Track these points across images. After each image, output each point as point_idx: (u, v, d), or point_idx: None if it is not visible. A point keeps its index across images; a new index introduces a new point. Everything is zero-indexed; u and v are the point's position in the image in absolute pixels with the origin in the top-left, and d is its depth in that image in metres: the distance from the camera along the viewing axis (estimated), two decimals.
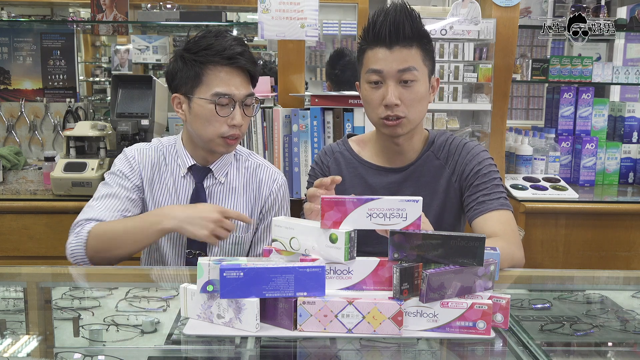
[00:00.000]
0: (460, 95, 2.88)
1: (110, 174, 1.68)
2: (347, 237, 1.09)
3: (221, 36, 1.57)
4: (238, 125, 1.58)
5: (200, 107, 1.56)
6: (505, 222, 1.53)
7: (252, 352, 1.10)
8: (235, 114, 1.57)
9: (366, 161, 1.65)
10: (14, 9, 4.28)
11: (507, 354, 1.10)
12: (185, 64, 1.57)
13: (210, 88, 1.55)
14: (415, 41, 1.50)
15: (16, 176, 2.77)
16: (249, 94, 1.60)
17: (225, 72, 1.55)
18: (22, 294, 1.47)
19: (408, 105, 1.50)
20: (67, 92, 3.28)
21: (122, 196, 1.63)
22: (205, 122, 1.56)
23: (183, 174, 1.67)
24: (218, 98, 1.54)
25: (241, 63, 1.56)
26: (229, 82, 1.55)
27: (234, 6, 4.26)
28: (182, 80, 1.58)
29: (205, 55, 1.54)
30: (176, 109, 1.63)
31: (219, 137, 1.58)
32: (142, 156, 1.68)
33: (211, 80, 1.55)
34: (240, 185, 1.71)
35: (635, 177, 3.08)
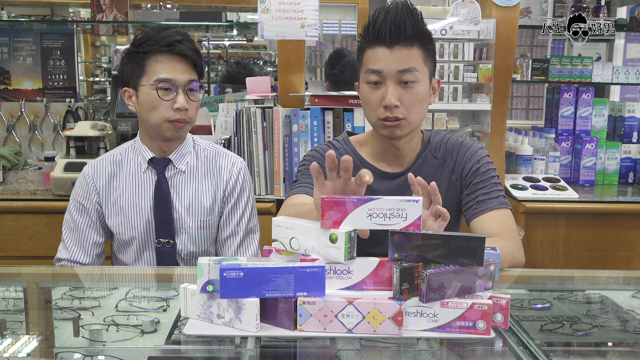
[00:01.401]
0: (460, 95, 2.88)
1: (73, 201, 1.78)
2: (347, 237, 1.09)
3: (162, 29, 1.68)
4: (182, 108, 1.65)
5: (145, 95, 1.65)
6: (505, 221, 1.53)
7: (252, 352, 1.10)
8: (178, 97, 1.64)
9: (368, 163, 1.62)
10: (14, 9, 4.28)
11: (507, 354, 1.10)
12: (130, 57, 1.68)
13: (153, 75, 1.64)
14: (416, 41, 1.47)
15: (16, 176, 2.77)
16: (191, 79, 1.67)
17: (165, 59, 1.65)
18: (22, 294, 1.47)
19: (408, 106, 1.48)
20: (67, 92, 3.28)
21: (87, 227, 1.75)
22: (151, 108, 1.65)
23: (144, 169, 1.75)
24: (159, 83, 1.63)
25: (179, 49, 1.65)
26: (170, 68, 1.64)
27: (234, 6, 4.26)
28: (128, 74, 1.69)
29: (146, 46, 1.65)
30: (127, 102, 1.72)
31: (165, 122, 1.66)
32: (96, 170, 1.77)
33: (153, 67, 1.65)
34: (200, 172, 1.78)
35: (635, 177, 3.08)
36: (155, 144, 1.74)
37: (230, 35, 4.55)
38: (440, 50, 2.85)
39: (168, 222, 1.73)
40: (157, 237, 1.73)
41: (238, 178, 1.81)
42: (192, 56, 1.67)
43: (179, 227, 1.74)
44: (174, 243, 1.74)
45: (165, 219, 1.72)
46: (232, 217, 1.80)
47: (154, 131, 1.70)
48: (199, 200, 1.76)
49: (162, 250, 1.73)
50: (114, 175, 1.76)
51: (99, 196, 1.75)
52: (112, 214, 1.74)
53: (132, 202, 1.74)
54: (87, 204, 1.75)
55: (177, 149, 1.76)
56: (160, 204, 1.72)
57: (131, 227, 1.73)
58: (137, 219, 1.73)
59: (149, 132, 1.72)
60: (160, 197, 1.73)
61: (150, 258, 1.75)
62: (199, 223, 1.76)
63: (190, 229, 1.75)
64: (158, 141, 1.73)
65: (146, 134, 1.74)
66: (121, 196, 1.74)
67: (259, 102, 2.62)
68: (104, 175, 1.76)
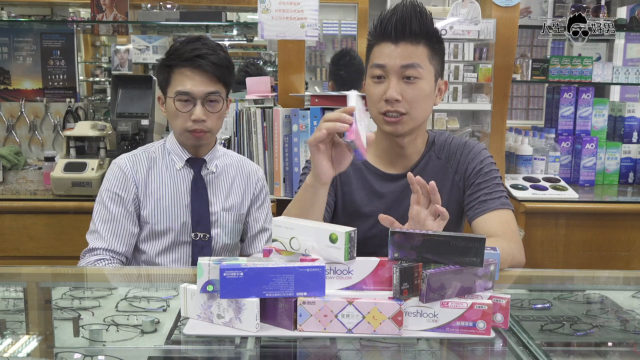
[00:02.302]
0: (460, 95, 2.89)
1: (107, 192, 1.79)
2: (347, 237, 1.09)
3: (191, 42, 1.74)
4: (198, 120, 1.72)
5: (169, 105, 1.76)
6: (506, 222, 1.53)
7: (252, 352, 1.10)
8: (195, 109, 1.72)
9: (372, 165, 1.62)
10: (14, 9, 4.28)
11: (507, 354, 1.10)
12: (160, 68, 1.79)
13: (174, 87, 1.73)
14: (422, 38, 1.47)
15: (16, 176, 2.77)
16: (210, 92, 1.73)
17: (186, 72, 1.72)
18: (22, 294, 1.47)
19: (410, 102, 1.47)
20: (67, 92, 3.28)
21: (123, 217, 1.77)
22: (173, 117, 1.76)
23: (179, 167, 1.82)
24: (177, 95, 1.71)
25: (198, 63, 1.71)
26: (189, 81, 1.71)
27: (234, 6, 4.26)
28: (160, 82, 1.80)
29: (171, 59, 1.74)
30: (161, 107, 1.83)
31: (185, 131, 1.75)
32: (134, 162, 1.82)
33: (175, 80, 1.73)
34: (230, 173, 1.89)
35: (635, 177, 3.08)
36: (188, 147, 1.83)
37: (230, 35, 4.55)
38: None
39: (205, 216, 1.80)
40: (194, 230, 1.80)
41: (264, 182, 1.97)
42: (211, 71, 1.72)
43: (214, 221, 1.82)
44: (210, 237, 1.82)
45: (202, 213, 1.80)
46: (261, 214, 1.94)
47: (178, 137, 1.81)
48: (232, 197, 1.86)
49: (197, 243, 1.80)
50: (150, 168, 1.82)
51: (137, 187, 1.79)
52: (149, 204, 1.79)
53: (170, 196, 1.80)
54: (125, 195, 1.78)
55: (210, 152, 1.85)
56: (198, 199, 1.80)
57: (169, 218, 1.78)
58: (174, 212, 1.79)
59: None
60: (197, 192, 1.81)
61: (186, 251, 1.81)
62: (233, 217, 1.86)
63: (225, 222, 1.84)
64: (188, 145, 1.83)
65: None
66: (159, 188, 1.80)
67: (259, 102, 2.62)
68: (143, 168, 1.82)
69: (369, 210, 1.59)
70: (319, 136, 1.27)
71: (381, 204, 1.59)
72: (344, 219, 1.62)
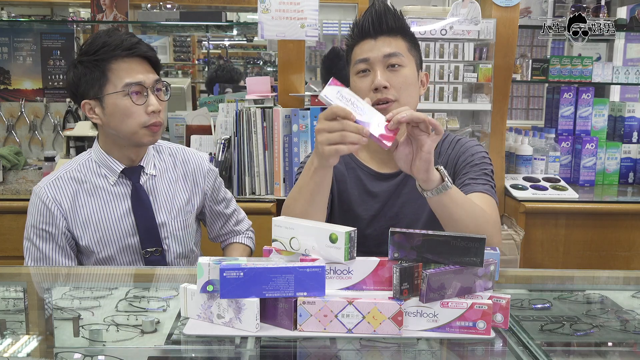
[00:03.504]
0: (460, 95, 2.88)
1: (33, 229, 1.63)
2: (347, 237, 1.09)
3: (113, 33, 1.60)
4: (156, 111, 1.59)
5: (114, 103, 1.57)
6: (486, 203, 1.48)
7: (252, 352, 1.10)
8: (151, 100, 1.58)
9: (364, 165, 1.62)
10: (14, 9, 4.28)
11: (507, 354, 1.10)
12: (86, 67, 1.58)
13: (119, 81, 1.56)
14: (399, 33, 1.53)
15: (16, 176, 2.77)
16: (157, 80, 1.62)
17: (127, 63, 1.57)
18: (22, 294, 1.47)
19: (397, 88, 1.49)
20: (67, 92, 3.28)
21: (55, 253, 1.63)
22: (123, 116, 1.57)
23: (113, 182, 1.66)
24: (130, 87, 1.56)
25: (142, 50, 1.59)
26: (135, 71, 1.58)
27: (234, 6, 4.26)
28: (87, 84, 1.58)
29: (104, 52, 1.56)
30: (89, 115, 1.61)
31: (141, 128, 1.58)
32: (56, 191, 1.64)
33: (117, 73, 1.56)
34: (171, 172, 1.75)
35: (635, 177, 3.08)
36: (125, 154, 1.65)
37: (230, 35, 4.56)
38: (440, 50, 2.85)
39: (153, 230, 1.66)
40: (144, 247, 1.66)
41: (210, 173, 1.81)
42: (153, 56, 1.63)
43: (164, 233, 1.69)
44: (162, 250, 1.68)
45: (149, 227, 1.66)
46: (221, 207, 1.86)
47: (127, 140, 1.61)
48: (176, 200, 1.72)
49: (151, 260, 1.67)
50: (76, 193, 1.64)
51: (66, 220, 1.63)
52: (86, 235, 1.64)
53: (107, 218, 1.64)
54: (53, 230, 1.62)
55: (145, 155, 1.70)
56: (142, 213, 1.66)
57: (111, 243, 1.64)
58: (115, 234, 1.64)
59: (120, 142, 1.63)
60: (140, 206, 1.66)
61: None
62: (181, 223, 1.72)
63: (176, 231, 1.71)
64: (129, 150, 1.65)
65: (115, 144, 1.64)
66: (92, 214, 1.64)
67: (259, 102, 2.62)
68: (67, 196, 1.64)
69: (362, 209, 1.60)
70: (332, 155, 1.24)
71: (375, 203, 1.59)
72: (340, 219, 1.61)
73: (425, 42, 2.80)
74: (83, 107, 1.61)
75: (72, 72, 1.62)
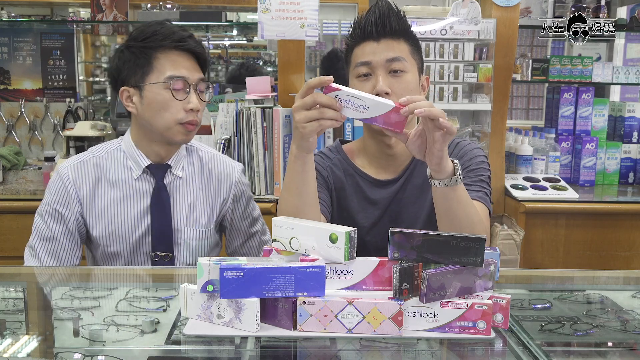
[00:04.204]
0: (460, 95, 2.88)
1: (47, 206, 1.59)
2: (347, 237, 1.09)
3: (166, 24, 1.56)
4: (195, 109, 1.53)
5: (154, 94, 1.51)
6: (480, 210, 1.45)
7: (252, 352, 1.10)
8: (191, 97, 1.53)
9: (363, 172, 1.59)
10: (14, 9, 4.28)
11: (507, 354, 1.10)
12: (132, 53, 1.53)
13: (163, 72, 1.51)
14: (402, 35, 1.49)
15: (16, 176, 2.77)
16: (201, 78, 1.57)
17: (174, 55, 1.53)
18: (22, 294, 1.47)
19: (399, 95, 1.44)
20: (67, 92, 3.28)
21: (63, 237, 1.58)
22: (160, 109, 1.51)
23: (137, 176, 1.60)
24: (172, 81, 1.51)
25: (190, 45, 1.54)
26: (180, 65, 1.53)
27: (234, 6, 4.27)
28: (130, 71, 1.53)
29: (154, 40, 1.51)
30: (126, 103, 1.57)
31: (176, 124, 1.53)
32: (78, 173, 1.58)
33: (162, 64, 1.51)
34: (197, 178, 1.67)
35: (635, 177, 3.08)
36: (154, 149, 1.59)
37: (230, 35, 4.56)
38: (440, 50, 2.85)
39: (166, 234, 1.59)
40: (154, 250, 1.60)
41: (242, 184, 1.73)
42: (201, 54, 1.57)
43: (177, 239, 1.61)
44: (173, 256, 1.61)
45: (164, 230, 1.59)
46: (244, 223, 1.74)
47: (159, 135, 1.55)
48: (198, 209, 1.65)
49: (159, 264, 1.60)
50: (98, 180, 1.59)
51: (81, 206, 1.58)
52: (98, 225, 1.58)
53: (123, 213, 1.58)
54: (66, 213, 1.57)
55: (176, 153, 1.63)
56: (160, 214, 1.59)
57: (121, 239, 1.59)
58: (128, 230, 1.58)
59: (151, 136, 1.57)
60: (159, 206, 1.59)
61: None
62: (200, 233, 1.64)
63: (190, 240, 1.63)
64: (159, 146, 1.59)
65: (145, 137, 1.58)
66: (108, 206, 1.58)
67: (259, 102, 2.62)
68: (89, 181, 1.58)
69: (362, 216, 1.57)
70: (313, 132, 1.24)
71: (375, 210, 1.57)
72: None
73: (425, 42, 2.80)
74: (121, 94, 1.56)
75: (118, 56, 1.56)
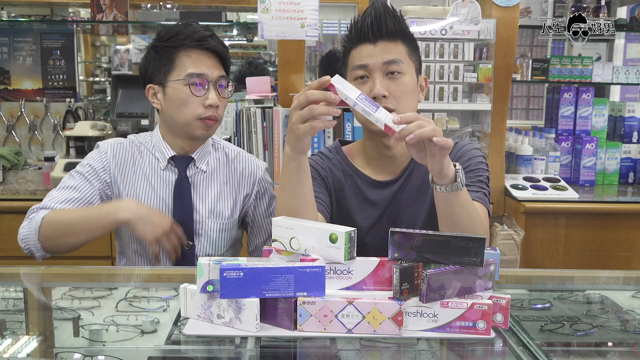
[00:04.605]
0: (460, 95, 2.88)
1: (80, 166, 1.69)
2: (347, 237, 1.09)
3: (190, 25, 1.64)
4: (214, 105, 1.60)
5: (175, 90, 1.60)
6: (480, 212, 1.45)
7: (252, 352, 1.10)
8: (210, 93, 1.60)
9: (362, 173, 1.59)
10: (14, 9, 4.28)
11: (507, 354, 1.10)
12: (157, 53, 1.63)
13: (183, 70, 1.59)
14: (399, 37, 1.48)
15: (16, 176, 2.77)
16: (221, 75, 1.63)
17: (196, 54, 1.60)
18: (22, 294, 1.47)
19: (397, 97, 1.45)
20: (67, 92, 3.28)
21: (84, 190, 1.64)
22: (180, 104, 1.60)
23: (163, 166, 1.68)
24: (191, 78, 1.58)
25: (210, 44, 1.61)
26: (201, 63, 1.60)
27: (234, 6, 4.27)
28: (155, 69, 1.63)
29: (176, 40, 1.60)
30: (152, 99, 1.66)
31: (196, 119, 1.60)
32: (115, 150, 1.68)
33: (183, 62, 1.60)
34: (222, 173, 1.73)
35: (635, 177, 3.08)
36: (178, 143, 1.67)
37: (230, 35, 4.56)
38: (440, 50, 2.85)
39: (187, 224, 1.65)
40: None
41: (264, 178, 1.77)
42: (222, 52, 1.64)
43: (198, 229, 1.67)
44: (193, 245, 1.66)
45: (185, 220, 1.64)
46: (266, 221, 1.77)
47: (181, 130, 1.63)
48: (221, 202, 1.70)
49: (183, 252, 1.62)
50: (133, 160, 1.68)
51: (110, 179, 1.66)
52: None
53: (150, 198, 1.66)
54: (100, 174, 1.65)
55: (200, 147, 1.70)
56: (181, 204, 1.66)
57: None
58: None
59: (175, 130, 1.65)
60: (181, 196, 1.66)
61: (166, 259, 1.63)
62: (220, 225, 1.70)
63: (211, 232, 1.68)
64: (182, 140, 1.66)
65: (170, 131, 1.67)
66: (135, 188, 1.66)
67: (259, 102, 2.62)
68: (123, 157, 1.68)
69: (361, 217, 1.57)
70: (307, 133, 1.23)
71: (374, 211, 1.57)
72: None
73: (425, 42, 2.80)
74: (147, 91, 1.66)
75: (145, 56, 1.67)
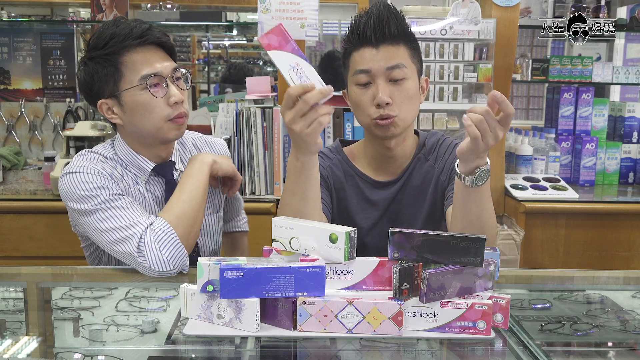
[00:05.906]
0: (460, 95, 2.88)
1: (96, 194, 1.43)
2: (347, 237, 1.09)
3: (120, 22, 1.46)
4: (179, 101, 1.45)
5: (133, 98, 1.43)
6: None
7: (252, 352, 1.10)
8: (171, 90, 1.45)
9: (363, 173, 1.60)
10: (14, 9, 4.28)
11: (507, 354, 1.10)
12: (97, 63, 1.44)
13: (135, 74, 1.42)
14: (401, 40, 1.46)
15: (16, 176, 2.77)
16: (174, 68, 1.48)
17: (141, 52, 1.43)
18: (22, 294, 1.47)
19: (399, 103, 1.45)
20: (67, 92, 3.28)
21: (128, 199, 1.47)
22: (144, 112, 1.44)
23: (145, 179, 1.54)
24: (147, 80, 1.42)
25: (154, 36, 1.45)
26: (150, 61, 1.44)
27: (234, 6, 4.26)
28: (101, 82, 1.44)
29: (114, 44, 1.42)
30: (108, 116, 1.48)
31: (166, 122, 1.45)
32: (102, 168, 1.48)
33: (131, 65, 1.43)
34: None
35: (635, 177, 3.08)
36: (154, 152, 1.54)
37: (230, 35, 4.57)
38: (440, 50, 2.85)
39: None
40: None
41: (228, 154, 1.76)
42: (166, 42, 1.48)
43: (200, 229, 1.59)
44: (197, 248, 1.59)
45: None
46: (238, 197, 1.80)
47: (152, 137, 1.49)
48: (211, 195, 1.64)
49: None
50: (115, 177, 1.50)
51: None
52: None
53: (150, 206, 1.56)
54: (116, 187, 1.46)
55: (175, 149, 1.60)
56: None
57: None
58: None
59: (145, 140, 1.51)
60: None
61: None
62: (214, 217, 1.65)
63: (208, 227, 1.63)
64: (156, 147, 1.53)
65: (140, 144, 1.52)
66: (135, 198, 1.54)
67: (259, 102, 2.62)
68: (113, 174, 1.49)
69: (362, 217, 1.58)
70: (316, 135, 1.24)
71: (375, 211, 1.57)
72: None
73: (425, 42, 2.80)
74: (100, 107, 1.48)
75: (83, 70, 1.47)
